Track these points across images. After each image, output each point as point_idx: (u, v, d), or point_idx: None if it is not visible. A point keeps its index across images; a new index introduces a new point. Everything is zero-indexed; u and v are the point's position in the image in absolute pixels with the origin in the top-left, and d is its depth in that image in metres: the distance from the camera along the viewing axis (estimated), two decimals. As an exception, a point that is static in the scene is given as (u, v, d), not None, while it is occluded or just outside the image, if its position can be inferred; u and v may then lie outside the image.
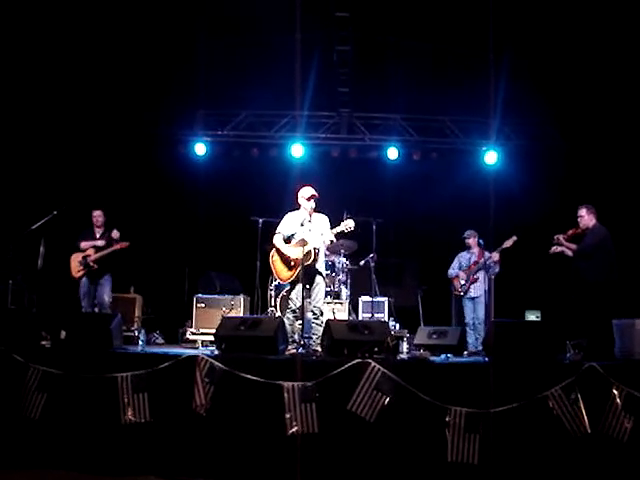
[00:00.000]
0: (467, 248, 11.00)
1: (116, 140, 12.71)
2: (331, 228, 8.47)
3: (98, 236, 10.31)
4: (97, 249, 10.11)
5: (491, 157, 12.71)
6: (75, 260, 10.13)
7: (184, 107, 12.96)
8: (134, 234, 11.02)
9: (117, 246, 10.09)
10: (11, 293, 11.01)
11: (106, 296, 10.18)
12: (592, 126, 12.17)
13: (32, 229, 9.64)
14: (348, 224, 8.36)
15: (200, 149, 13.03)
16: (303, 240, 8.31)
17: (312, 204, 8.56)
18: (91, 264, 10.04)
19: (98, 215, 10.39)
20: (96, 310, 10.06)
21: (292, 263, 8.39)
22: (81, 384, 6.72)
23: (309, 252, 8.25)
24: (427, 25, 10.78)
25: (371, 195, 12.42)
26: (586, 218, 8.68)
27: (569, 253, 8.75)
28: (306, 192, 8.58)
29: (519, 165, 12.65)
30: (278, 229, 8.65)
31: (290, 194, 8.90)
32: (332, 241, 8.50)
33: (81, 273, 10.10)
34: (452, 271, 11.07)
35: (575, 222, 8.80)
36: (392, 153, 12.88)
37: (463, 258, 11.01)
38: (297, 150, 12.89)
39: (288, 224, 8.62)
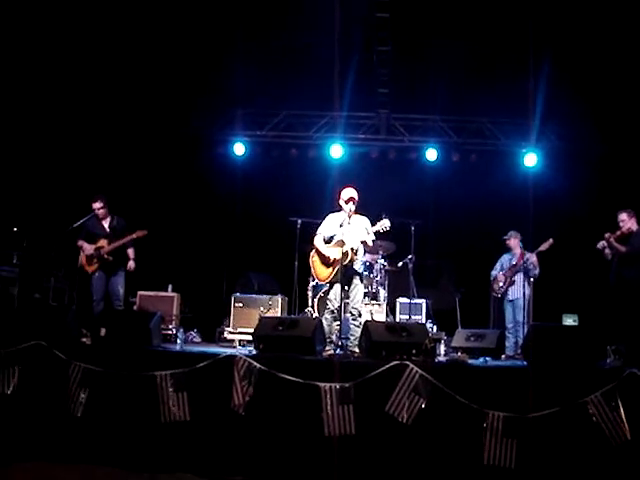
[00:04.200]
0: (508, 250, 10.88)
1: (157, 141, 12.82)
2: (368, 228, 8.52)
3: (107, 227, 9.82)
4: (110, 240, 9.64)
5: (531, 159, 12.60)
6: (85, 254, 9.73)
7: (223, 107, 13.04)
8: (174, 233, 11.11)
9: (134, 235, 9.59)
10: (53, 290, 11.23)
11: (120, 288, 9.78)
12: (633, 128, 12.01)
13: (74, 227, 9.70)
14: (384, 224, 8.39)
15: (239, 149, 13.09)
16: (341, 241, 8.36)
17: (351, 206, 8.56)
18: (105, 256, 9.61)
19: (98, 207, 9.73)
20: (118, 304, 9.74)
21: (330, 263, 8.45)
22: (121, 381, 6.77)
23: (346, 252, 8.29)
24: (466, 26, 10.72)
25: (410, 196, 12.32)
26: (628, 222, 8.70)
27: (608, 256, 8.76)
28: (345, 194, 8.60)
29: (559, 167, 12.50)
30: (319, 230, 8.73)
31: (329, 195, 8.94)
32: (372, 241, 8.54)
33: (95, 267, 9.67)
34: (493, 272, 11.01)
35: (615, 226, 8.76)
36: (431, 154, 12.82)
37: (505, 260, 10.89)
38: (336, 151, 12.88)
39: (328, 225, 8.70)
